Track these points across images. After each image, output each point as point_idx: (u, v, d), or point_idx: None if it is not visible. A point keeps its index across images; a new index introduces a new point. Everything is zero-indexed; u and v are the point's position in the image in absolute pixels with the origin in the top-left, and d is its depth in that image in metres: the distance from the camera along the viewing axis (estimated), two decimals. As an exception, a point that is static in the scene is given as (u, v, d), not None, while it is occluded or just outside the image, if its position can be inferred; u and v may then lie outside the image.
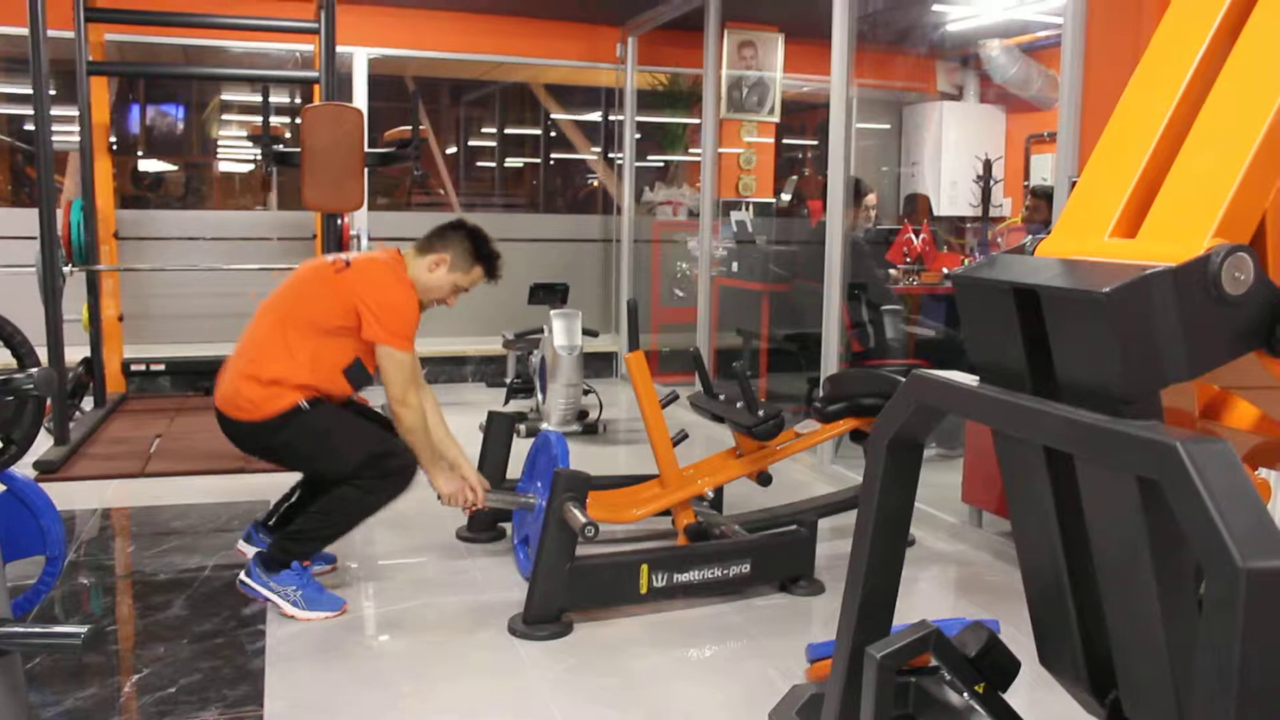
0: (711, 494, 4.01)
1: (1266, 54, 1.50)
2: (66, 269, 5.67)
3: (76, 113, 6.17)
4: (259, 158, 7.52)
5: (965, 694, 2.05)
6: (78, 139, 6.25)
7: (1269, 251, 1.52)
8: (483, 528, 4.05)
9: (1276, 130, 1.44)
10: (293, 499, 3.68)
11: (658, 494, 3.81)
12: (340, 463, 3.29)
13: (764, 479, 3.95)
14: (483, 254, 3.54)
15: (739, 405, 3.83)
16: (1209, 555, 1.20)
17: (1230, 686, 1.17)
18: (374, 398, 3.85)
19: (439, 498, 3.45)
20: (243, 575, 3.33)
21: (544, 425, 5.98)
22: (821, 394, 4.12)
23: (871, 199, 6.48)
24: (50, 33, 5.16)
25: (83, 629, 2.99)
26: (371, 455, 3.28)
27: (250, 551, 3.45)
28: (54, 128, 5.26)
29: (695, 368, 4.34)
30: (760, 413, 3.76)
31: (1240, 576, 1.16)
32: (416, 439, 3.35)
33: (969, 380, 1.68)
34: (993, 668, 1.96)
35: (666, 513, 3.86)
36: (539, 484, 3.61)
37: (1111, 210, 1.57)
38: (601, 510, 3.45)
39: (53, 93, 5.35)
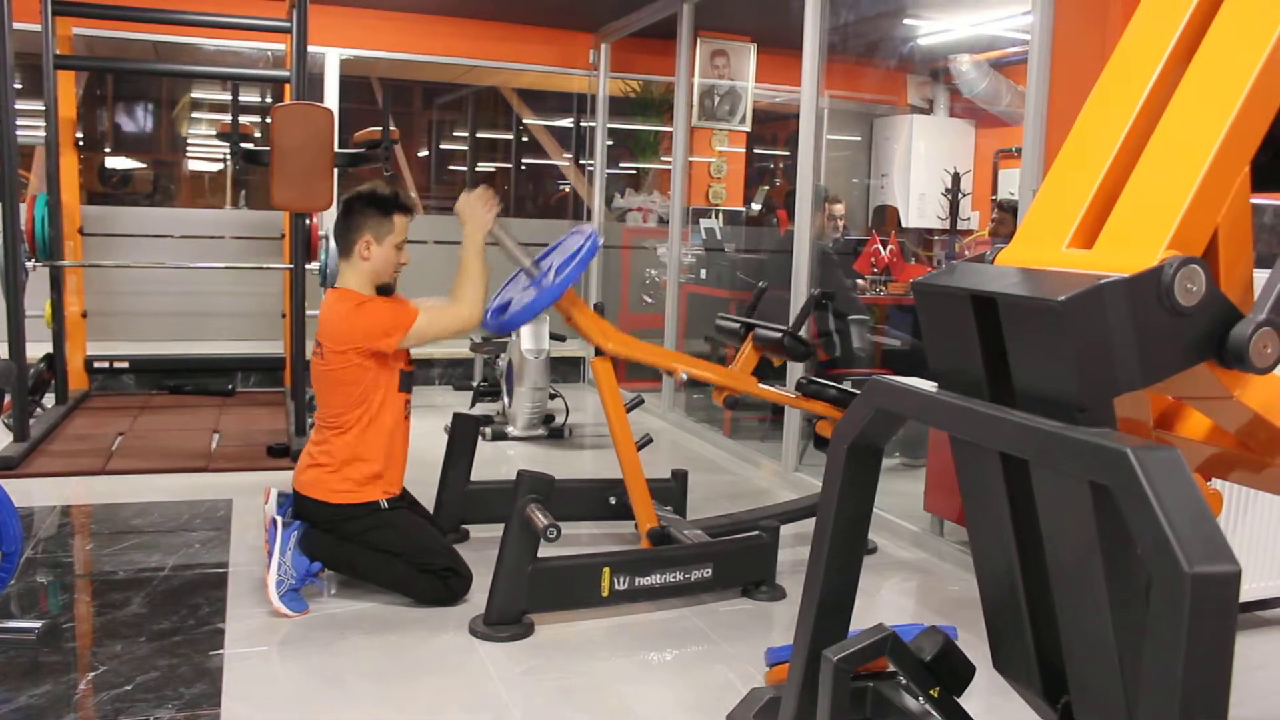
0: (685, 376, 3.93)
1: (1221, 72, 1.53)
2: (30, 264, 5.61)
3: (43, 107, 6.11)
4: (228, 156, 7.48)
5: (921, 698, 2.07)
6: (43, 134, 6.19)
7: (1220, 264, 1.55)
8: (448, 528, 4.03)
9: (1229, 146, 1.47)
10: None
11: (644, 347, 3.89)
12: (420, 555, 3.44)
13: (731, 401, 3.98)
14: (389, 204, 3.51)
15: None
16: (1156, 560, 1.22)
17: (1175, 688, 1.19)
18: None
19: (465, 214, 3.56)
20: (279, 517, 3.38)
21: (509, 429, 5.98)
22: (811, 374, 4.19)
23: (839, 209, 6.51)
24: (16, 25, 5.11)
25: (37, 624, 2.98)
26: (445, 566, 3.43)
27: (274, 504, 3.48)
28: (19, 122, 5.20)
29: (755, 298, 4.45)
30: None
31: (1186, 581, 1.18)
32: (475, 293, 3.50)
33: (928, 386, 1.70)
34: (948, 672, 1.98)
35: (629, 517, 3.87)
36: (553, 262, 3.64)
37: (1070, 221, 1.60)
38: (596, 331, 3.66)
39: (18, 86, 5.30)
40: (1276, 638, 3.39)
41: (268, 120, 5.96)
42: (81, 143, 7.35)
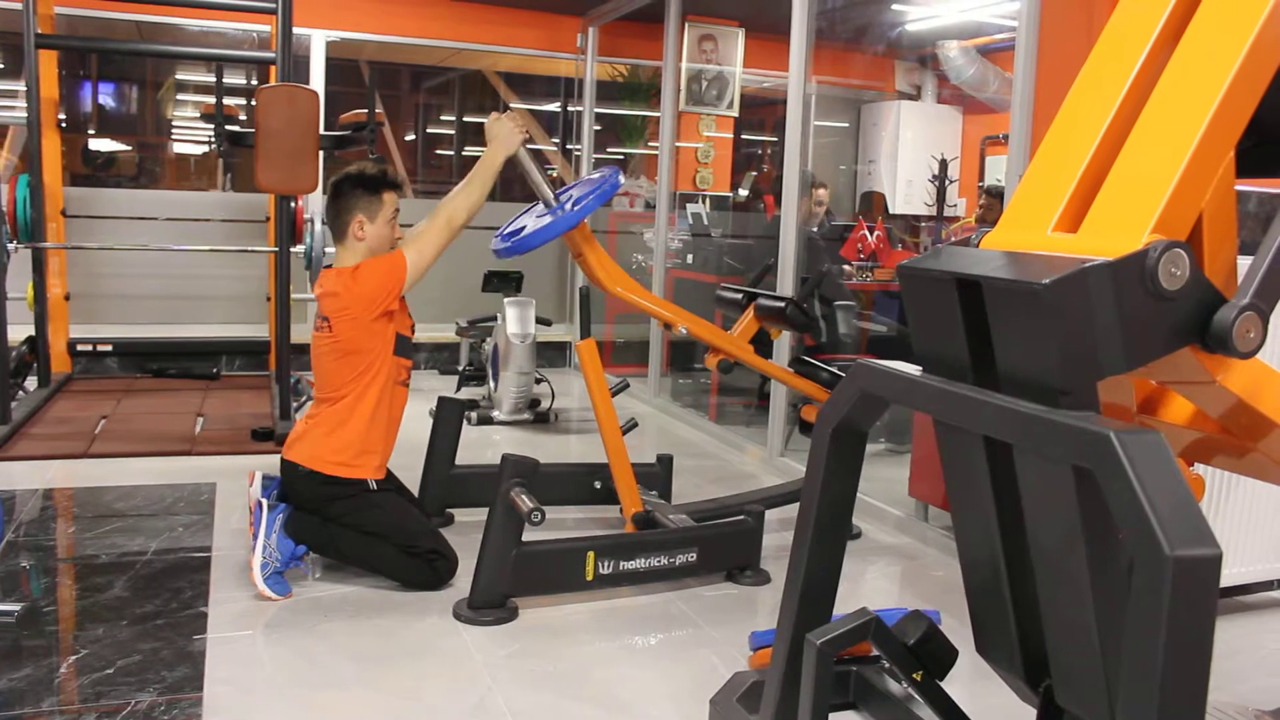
0: (684, 331, 3.92)
1: (1206, 58, 1.53)
2: (11, 245, 5.57)
3: (24, 87, 6.06)
4: (213, 138, 7.44)
5: (904, 682, 2.08)
6: (24, 114, 6.14)
7: (1205, 249, 1.55)
8: (432, 512, 4.02)
9: (1214, 131, 1.47)
10: None
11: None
12: (406, 538, 3.43)
13: (725, 365, 3.99)
14: (377, 182, 3.53)
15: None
16: (1138, 543, 1.22)
17: (1155, 671, 1.19)
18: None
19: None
20: (264, 500, 3.36)
21: (495, 413, 5.97)
22: (802, 353, 4.20)
23: (823, 194, 6.51)
24: (-2, 4, 5.06)
25: (16, 606, 2.96)
26: (430, 549, 3.41)
27: (259, 487, 3.46)
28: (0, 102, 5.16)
29: (760, 273, 4.66)
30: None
31: (1167, 564, 1.18)
32: (470, 198, 3.54)
33: (912, 370, 1.70)
34: (931, 656, 1.99)
35: (614, 502, 3.87)
36: (574, 195, 3.68)
37: (1055, 205, 1.59)
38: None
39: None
40: (1256, 622, 3.41)
41: (253, 102, 5.93)
42: (64, 124, 7.28)
